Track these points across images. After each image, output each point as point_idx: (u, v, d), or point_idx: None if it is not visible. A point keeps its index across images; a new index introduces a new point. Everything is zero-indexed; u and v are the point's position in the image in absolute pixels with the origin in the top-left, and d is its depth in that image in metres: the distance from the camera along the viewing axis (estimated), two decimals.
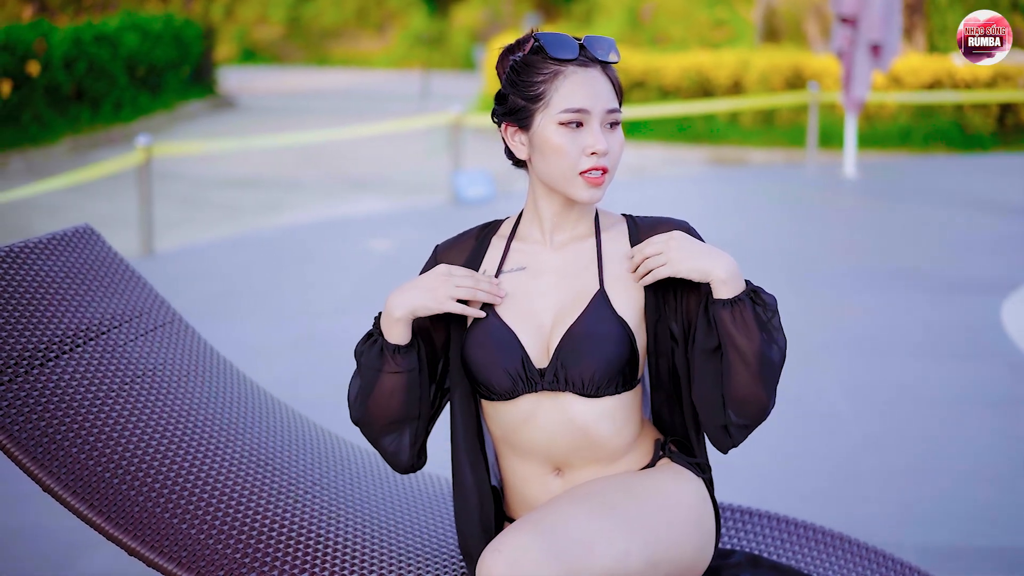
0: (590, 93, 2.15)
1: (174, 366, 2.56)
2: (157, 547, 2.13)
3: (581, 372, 2.17)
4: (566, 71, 2.15)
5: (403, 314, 2.19)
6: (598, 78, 2.16)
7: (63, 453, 2.16)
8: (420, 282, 2.21)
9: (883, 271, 7.82)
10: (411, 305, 2.19)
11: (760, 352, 2.13)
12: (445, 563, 2.37)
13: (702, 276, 2.14)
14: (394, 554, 2.35)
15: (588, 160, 2.15)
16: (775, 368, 2.15)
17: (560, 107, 2.14)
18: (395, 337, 2.21)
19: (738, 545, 2.62)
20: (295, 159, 14.62)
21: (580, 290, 2.22)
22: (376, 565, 2.28)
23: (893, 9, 11.00)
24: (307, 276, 7.89)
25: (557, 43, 2.16)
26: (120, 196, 11.17)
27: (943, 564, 3.58)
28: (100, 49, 16.82)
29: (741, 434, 2.19)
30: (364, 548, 2.32)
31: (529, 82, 2.17)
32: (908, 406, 5.13)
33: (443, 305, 2.18)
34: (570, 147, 2.15)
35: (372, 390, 2.24)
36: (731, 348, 2.13)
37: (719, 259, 2.14)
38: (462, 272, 2.21)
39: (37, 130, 14.68)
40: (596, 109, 2.15)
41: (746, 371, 2.13)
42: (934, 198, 10.86)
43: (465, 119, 11.80)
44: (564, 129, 2.15)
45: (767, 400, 2.15)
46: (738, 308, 2.13)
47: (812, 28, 21.46)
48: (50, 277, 2.46)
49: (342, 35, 36.09)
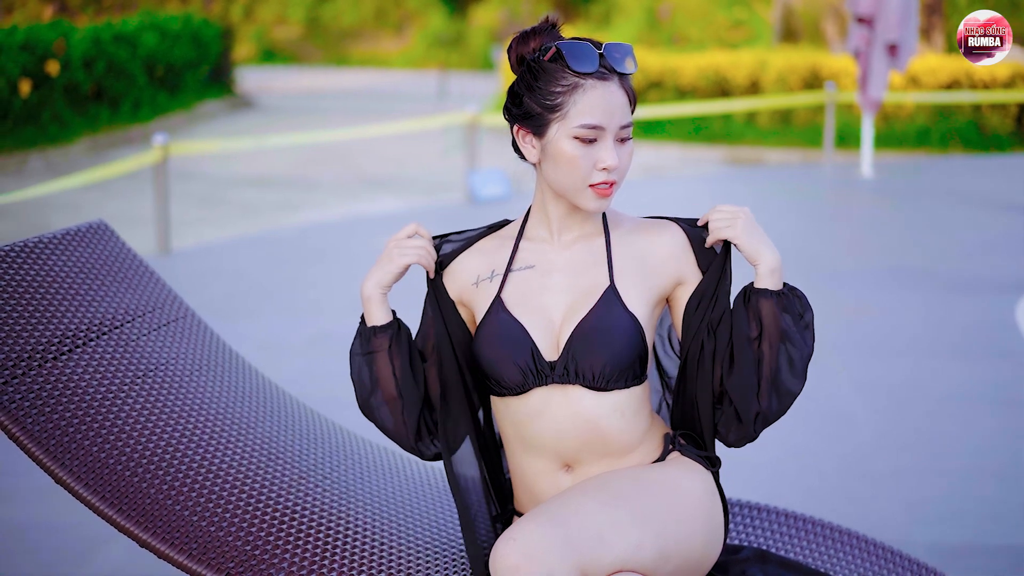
0: (607, 110, 2.16)
1: (186, 360, 2.58)
2: (168, 539, 2.14)
3: (592, 365, 2.19)
4: (585, 84, 2.16)
5: (371, 291, 2.30)
6: (616, 92, 2.18)
7: (76, 446, 2.17)
8: (379, 258, 2.31)
9: (898, 271, 7.81)
10: (374, 279, 2.30)
11: (798, 345, 2.21)
12: (455, 556, 2.38)
13: (754, 256, 2.23)
14: (403, 547, 2.36)
15: (599, 175, 2.18)
16: (806, 363, 2.23)
17: (577, 121, 2.16)
18: (375, 319, 2.31)
19: (747, 540, 2.63)
20: (312, 158, 14.66)
21: (590, 286, 2.25)
22: (386, 557, 2.30)
23: (910, 9, 10.97)
24: (323, 275, 7.92)
25: (578, 54, 2.16)
26: (137, 195, 11.22)
27: (953, 561, 3.58)
28: (119, 49, 16.89)
29: (764, 425, 2.24)
30: (374, 541, 2.34)
31: (547, 91, 2.18)
32: (920, 404, 5.13)
33: (397, 266, 2.28)
34: (583, 160, 2.17)
35: (362, 375, 2.33)
36: (770, 337, 2.21)
37: (773, 250, 2.24)
38: (404, 234, 2.31)
39: (56, 129, 14.75)
40: (611, 126, 2.17)
41: (785, 361, 2.21)
42: (951, 198, 10.83)
43: (481, 119, 11.81)
44: (578, 142, 2.17)
45: (798, 392, 2.24)
46: (782, 300, 2.22)
47: (830, 28, 21.40)
48: (64, 272, 2.48)
49: (361, 35, 36.13)
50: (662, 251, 2.27)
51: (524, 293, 2.27)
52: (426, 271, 2.33)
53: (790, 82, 16.26)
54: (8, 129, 13.98)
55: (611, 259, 2.26)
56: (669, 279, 2.27)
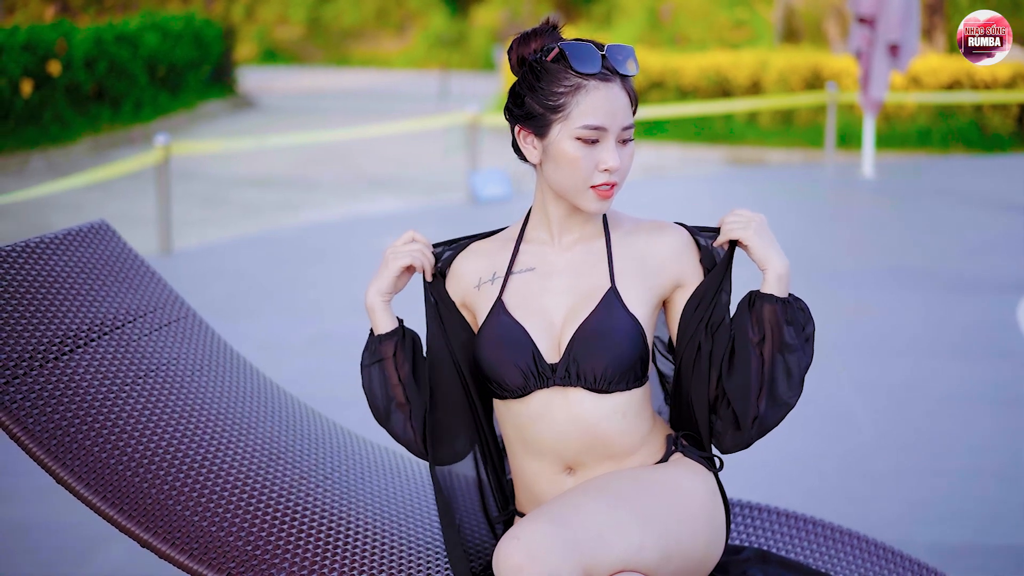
0: (610, 111, 2.16)
1: (187, 361, 2.58)
2: (169, 539, 2.14)
3: (593, 367, 2.19)
4: (588, 85, 2.16)
5: (373, 299, 2.34)
6: (618, 94, 2.18)
7: (77, 446, 2.17)
8: (378, 268, 2.35)
9: (899, 271, 7.81)
10: (374, 287, 2.34)
11: (798, 355, 2.22)
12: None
13: (763, 260, 2.22)
14: (405, 547, 2.36)
15: (601, 176, 2.18)
16: (803, 374, 2.24)
17: (579, 123, 2.16)
18: (380, 327, 2.34)
19: (747, 541, 2.63)
20: (313, 158, 14.66)
21: (591, 288, 2.25)
22: (387, 557, 2.30)
23: (911, 9, 10.97)
24: (324, 275, 7.92)
25: (581, 55, 2.16)
26: (139, 195, 11.22)
27: (953, 561, 3.58)
28: (121, 49, 16.89)
29: (760, 433, 2.24)
30: (375, 541, 2.34)
31: (550, 91, 2.18)
32: (921, 405, 5.13)
33: (394, 269, 2.31)
34: (585, 161, 2.17)
35: (372, 384, 2.35)
36: (771, 343, 2.21)
37: (782, 258, 2.23)
38: (403, 240, 2.34)
39: (58, 129, 14.76)
40: (613, 127, 2.17)
41: (783, 371, 2.21)
42: (952, 199, 10.83)
43: (482, 119, 11.81)
44: (580, 143, 2.17)
45: (793, 403, 2.24)
46: (786, 309, 2.22)
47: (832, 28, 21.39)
48: (65, 272, 2.48)
49: (362, 35, 36.12)
50: (663, 252, 2.27)
51: (525, 296, 2.27)
52: (423, 274, 2.34)
53: (791, 82, 16.26)
54: (10, 129, 13.99)
55: (612, 260, 2.25)
56: (669, 280, 2.27)
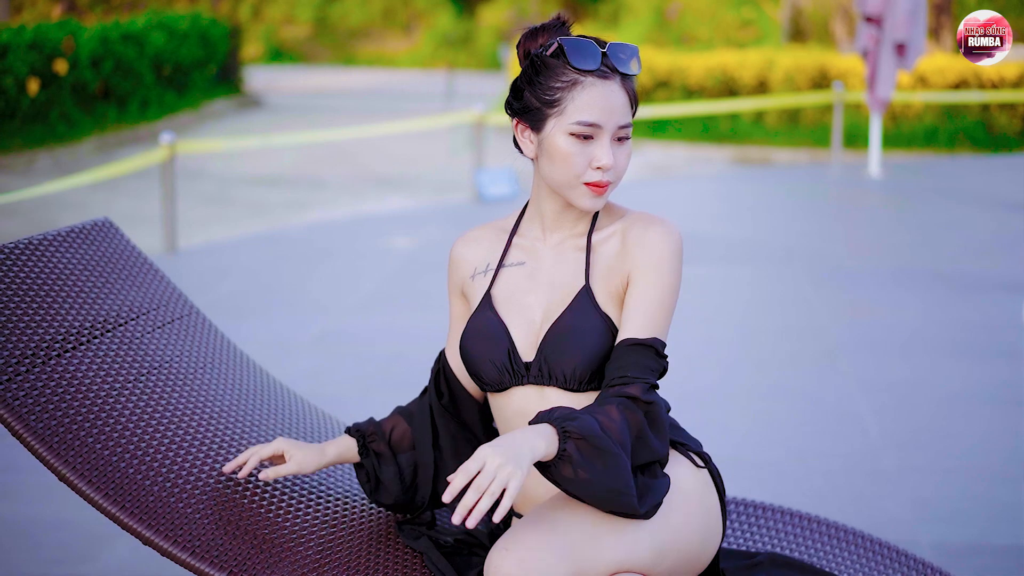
0: (605, 108, 2.15)
1: (190, 358, 2.58)
2: (172, 536, 2.14)
3: (563, 366, 2.19)
4: (585, 82, 2.15)
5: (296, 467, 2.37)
6: (616, 91, 2.17)
7: (79, 443, 2.17)
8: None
9: (906, 270, 7.80)
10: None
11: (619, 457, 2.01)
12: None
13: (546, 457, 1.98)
14: (407, 546, 2.36)
15: (594, 173, 2.17)
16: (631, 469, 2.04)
17: (574, 118, 2.15)
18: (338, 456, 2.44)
19: (751, 540, 2.63)
20: (319, 157, 14.67)
21: (566, 286, 2.25)
22: (388, 557, 2.30)
23: (918, 8, 10.96)
24: (331, 274, 7.92)
25: (579, 51, 2.16)
26: (145, 193, 11.24)
27: (959, 561, 3.57)
28: (127, 48, 16.91)
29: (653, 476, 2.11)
30: (377, 541, 2.34)
31: (547, 85, 2.17)
32: (927, 404, 5.12)
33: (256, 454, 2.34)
34: (578, 158, 2.17)
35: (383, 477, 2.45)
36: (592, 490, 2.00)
37: (535, 437, 1.97)
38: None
39: (64, 128, 14.78)
40: (608, 125, 2.16)
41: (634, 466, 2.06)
42: (959, 198, 10.81)
43: (488, 118, 11.82)
44: (574, 139, 2.16)
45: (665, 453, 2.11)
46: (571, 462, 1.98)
47: (839, 28, 21.38)
48: (68, 269, 2.48)
49: (369, 35, 36.16)
50: (633, 242, 2.22)
51: (512, 291, 2.29)
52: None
53: (798, 82, 16.24)
54: (16, 128, 14.01)
55: (589, 259, 2.25)
56: (626, 271, 2.22)
